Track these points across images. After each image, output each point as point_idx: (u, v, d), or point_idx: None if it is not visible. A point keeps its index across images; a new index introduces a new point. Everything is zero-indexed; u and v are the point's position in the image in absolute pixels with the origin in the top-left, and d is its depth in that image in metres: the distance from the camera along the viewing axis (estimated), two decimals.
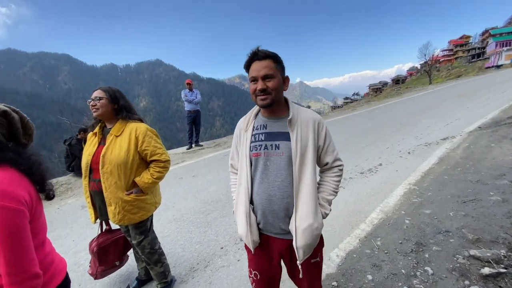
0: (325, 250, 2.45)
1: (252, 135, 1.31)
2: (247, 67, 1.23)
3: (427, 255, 2.25)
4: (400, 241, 2.48)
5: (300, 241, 1.21)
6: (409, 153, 5.16)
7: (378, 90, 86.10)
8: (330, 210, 1.31)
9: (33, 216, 0.97)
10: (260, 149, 1.26)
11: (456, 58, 78.70)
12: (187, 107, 7.57)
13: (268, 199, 1.25)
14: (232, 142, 1.48)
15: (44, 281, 0.96)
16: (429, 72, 45.07)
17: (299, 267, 1.26)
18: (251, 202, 1.31)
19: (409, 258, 2.25)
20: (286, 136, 1.24)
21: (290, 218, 1.25)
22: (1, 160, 0.95)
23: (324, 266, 2.27)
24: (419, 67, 79.32)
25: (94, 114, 1.84)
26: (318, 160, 1.33)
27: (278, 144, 1.24)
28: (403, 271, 2.12)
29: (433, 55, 48.30)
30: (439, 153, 4.82)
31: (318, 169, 1.35)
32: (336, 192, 1.34)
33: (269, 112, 1.30)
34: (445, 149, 5.00)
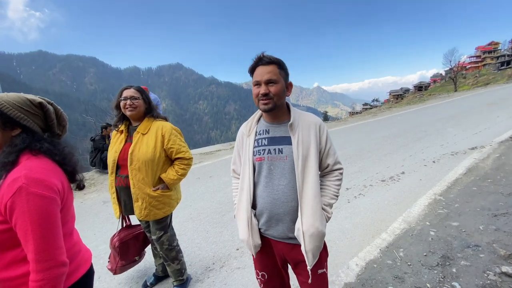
0: (344, 258, 2.41)
1: (255, 140, 1.31)
2: (252, 71, 1.25)
3: (454, 270, 2.12)
4: (424, 253, 2.35)
5: (308, 245, 1.20)
6: (434, 162, 4.94)
7: (399, 96, 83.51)
8: (332, 213, 1.30)
9: (64, 205, 1.00)
10: (263, 154, 1.27)
11: (484, 65, 75.10)
12: None
13: (273, 202, 1.25)
14: (234, 148, 1.48)
15: (69, 270, 0.98)
16: (454, 79, 43.14)
17: (309, 272, 1.24)
18: (253, 206, 1.32)
19: (435, 271, 2.13)
20: (288, 140, 1.24)
21: (294, 222, 1.24)
22: (38, 150, 0.99)
23: (342, 275, 2.21)
24: (443, 73, 76.31)
25: (129, 113, 1.87)
26: (320, 163, 1.32)
27: (282, 149, 1.24)
28: (428, 285, 2.00)
29: (459, 62, 46.23)
30: (467, 163, 4.57)
31: None
32: (337, 196, 1.33)
33: (271, 117, 1.30)
34: (473, 159, 4.73)
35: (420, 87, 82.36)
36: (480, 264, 2.15)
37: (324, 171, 1.36)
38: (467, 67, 73.68)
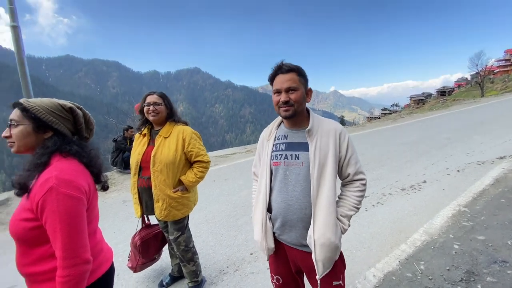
0: (361, 268, 2.34)
1: (273, 145, 1.34)
2: (271, 80, 1.27)
3: (479, 286, 2.01)
4: (447, 268, 2.25)
5: (319, 255, 1.18)
6: (458, 171, 4.71)
7: (420, 101, 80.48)
8: (349, 225, 1.27)
9: (89, 205, 1.05)
10: (280, 159, 1.28)
11: None
12: None
13: (286, 208, 1.25)
14: (256, 151, 1.52)
15: (92, 268, 1.02)
16: (481, 83, 41.05)
17: (318, 281, 1.23)
18: (269, 210, 1.33)
19: (458, 287, 2.02)
20: (305, 147, 1.24)
21: (307, 230, 1.23)
22: (68, 152, 1.05)
23: (359, 285, 2.15)
24: (469, 78, 72.78)
25: (152, 118, 1.96)
26: (340, 172, 1.30)
27: (298, 154, 1.25)
28: None
29: (486, 65, 43.98)
30: (494, 173, 4.32)
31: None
32: (357, 208, 1.29)
33: (291, 123, 1.32)
34: (502, 169, 4.46)
35: (444, 92, 78.99)
36: (507, 281, 2.02)
37: (344, 180, 1.33)
38: (495, 71, 69.88)
